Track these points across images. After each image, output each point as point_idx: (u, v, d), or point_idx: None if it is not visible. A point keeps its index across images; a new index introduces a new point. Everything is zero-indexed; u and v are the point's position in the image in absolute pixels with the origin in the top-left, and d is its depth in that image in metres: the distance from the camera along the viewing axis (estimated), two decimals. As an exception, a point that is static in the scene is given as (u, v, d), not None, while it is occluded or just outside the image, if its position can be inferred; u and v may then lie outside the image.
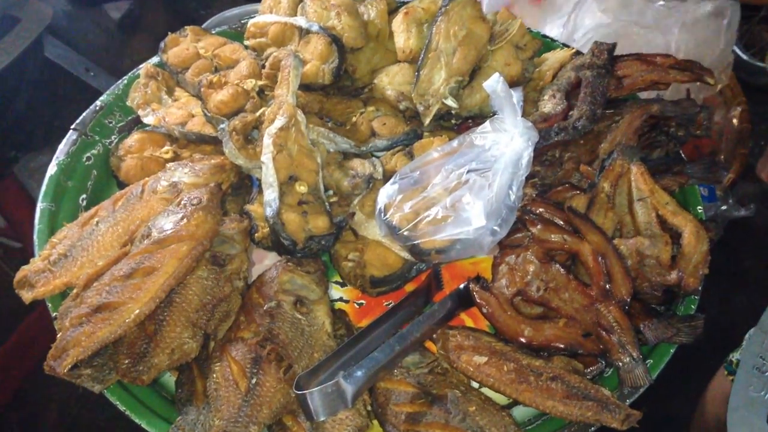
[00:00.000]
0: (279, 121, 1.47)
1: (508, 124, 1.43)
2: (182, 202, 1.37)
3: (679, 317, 1.33)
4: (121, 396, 1.25)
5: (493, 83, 1.40)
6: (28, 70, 2.19)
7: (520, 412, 1.32)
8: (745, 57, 3.09)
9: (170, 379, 1.32)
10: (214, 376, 1.24)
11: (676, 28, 2.21)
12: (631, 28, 2.24)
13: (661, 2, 2.32)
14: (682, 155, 1.58)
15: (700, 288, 1.33)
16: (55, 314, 1.31)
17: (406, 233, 1.38)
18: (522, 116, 1.44)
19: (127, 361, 1.24)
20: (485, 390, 1.31)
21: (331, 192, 1.55)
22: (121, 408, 1.24)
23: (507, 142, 1.42)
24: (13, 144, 2.29)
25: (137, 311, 1.23)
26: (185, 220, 1.33)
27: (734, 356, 1.63)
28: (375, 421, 1.29)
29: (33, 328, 2.03)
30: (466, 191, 1.38)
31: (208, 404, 1.22)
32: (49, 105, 2.41)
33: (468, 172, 1.40)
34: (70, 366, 1.21)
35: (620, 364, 1.26)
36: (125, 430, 1.33)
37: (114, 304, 1.25)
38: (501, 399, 1.31)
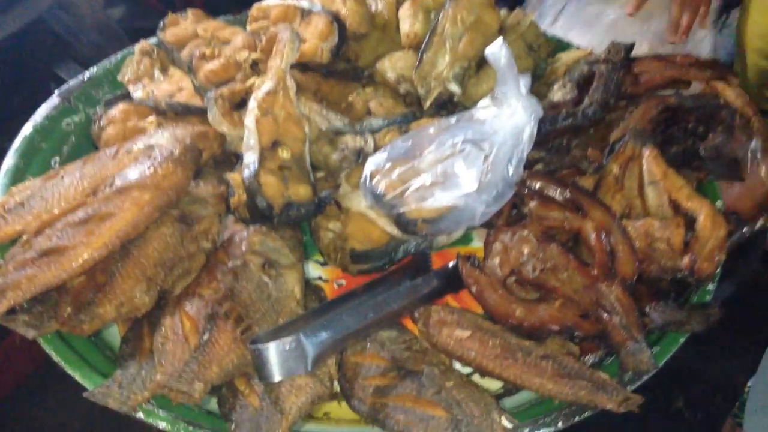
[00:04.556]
0: (267, 85, 1.38)
1: (511, 97, 1.32)
2: (153, 154, 1.28)
3: (692, 304, 1.18)
4: (56, 345, 1.12)
5: (496, 49, 1.31)
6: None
7: (508, 402, 1.16)
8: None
9: (116, 339, 1.19)
10: (162, 330, 1.11)
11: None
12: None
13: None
14: (702, 152, 1.45)
15: (716, 276, 1.19)
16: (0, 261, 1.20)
17: (391, 201, 1.26)
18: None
19: (69, 309, 1.12)
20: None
21: (320, 171, 1.45)
22: (55, 358, 1.10)
23: (508, 116, 1.32)
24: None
25: (86, 256, 1.12)
26: (152, 169, 1.23)
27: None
28: (344, 404, 1.14)
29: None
30: (460, 159, 1.26)
31: (153, 360, 1.09)
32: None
33: (463, 142, 1.29)
34: (5, 309, 1.10)
35: (621, 346, 1.11)
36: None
37: (62, 248, 1.13)
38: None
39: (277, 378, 1.05)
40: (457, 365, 1.18)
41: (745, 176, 1.40)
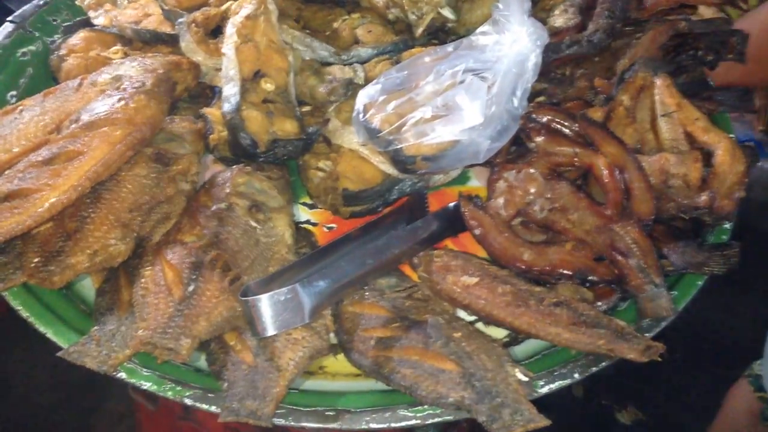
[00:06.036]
0: (245, 9, 1.26)
1: (513, 22, 1.21)
2: (122, 86, 1.15)
3: (710, 244, 1.11)
4: (24, 300, 1.01)
5: (498, -33, 1.19)
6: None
7: (518, 351, 1.08)
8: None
9: (90, 291, 1.08)
10: (143, 281, 1.01)
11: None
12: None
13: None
14: (710, 82, 1.36)
15: (734, 214, 1.11)
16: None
17: (387, 136, 1.16)
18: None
19: (37, 260, 1.01)
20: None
21: (305, 105, 1.33)
22: (23, 314, 1.00)
23: (511, 43, 1.21)
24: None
25: (53, 200, 1.00)
26: (123, 102, 1.11)
27: (757, 369, 1.43)
28: (341, 357, 1.06)
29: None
30: (461, 91, 1.16)
31: (133, 314, 0.99)
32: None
33: (464, 71, 1.19)
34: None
35: (639, 291, 1.03)
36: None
37: (26, 191, 1.02)
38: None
39: (271, 332, 0.96)
40: (461, 313, 1.10)
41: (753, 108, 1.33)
